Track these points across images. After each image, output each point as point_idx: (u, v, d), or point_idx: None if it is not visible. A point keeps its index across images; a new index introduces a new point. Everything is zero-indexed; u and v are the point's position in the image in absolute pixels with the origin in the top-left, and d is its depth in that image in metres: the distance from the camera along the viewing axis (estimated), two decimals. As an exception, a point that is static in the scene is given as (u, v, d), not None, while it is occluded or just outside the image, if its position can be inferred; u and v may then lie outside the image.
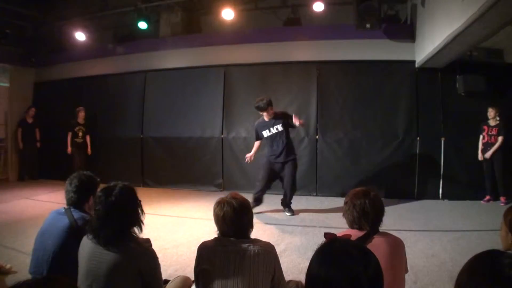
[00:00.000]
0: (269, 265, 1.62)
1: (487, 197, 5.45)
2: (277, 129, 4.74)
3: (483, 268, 0.83)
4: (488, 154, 5.35)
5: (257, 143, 4.98)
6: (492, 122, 5.41)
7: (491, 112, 5.38)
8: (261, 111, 4.75)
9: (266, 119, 4.79)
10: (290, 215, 4.85)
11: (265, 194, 4.93)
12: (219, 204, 1.70)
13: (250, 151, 5.00)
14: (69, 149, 6.96)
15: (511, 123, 5.35)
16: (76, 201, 2.06)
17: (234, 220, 1.65)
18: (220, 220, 1.67)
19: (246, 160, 4.96)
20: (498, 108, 5.35)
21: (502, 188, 5.31)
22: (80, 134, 7.08)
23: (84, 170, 2.28)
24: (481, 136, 5.48)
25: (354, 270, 0.88)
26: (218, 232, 1.72)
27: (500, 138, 5.28)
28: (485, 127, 5.44)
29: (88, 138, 7.19)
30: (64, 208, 2.06)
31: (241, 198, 1.72)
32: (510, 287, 0.77)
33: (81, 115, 7.07)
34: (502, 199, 5.30)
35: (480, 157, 5.48)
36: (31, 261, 2.01)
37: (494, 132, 5.36)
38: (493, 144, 5.34)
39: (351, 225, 1.74)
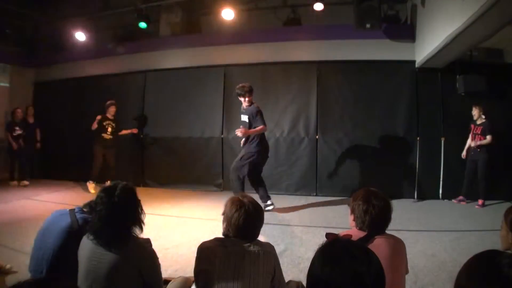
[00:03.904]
0: (269, 265, 1.62)
1: (460, 197, 5.45)
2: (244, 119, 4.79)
3: (482, 268, 0.84)
4: (474, 143, 5.24)
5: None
6: (478, 121, 5.37)
7: (474, 111, 5.37)
8: (239, 96, 4.79)
9: (244, 106, 4.82)
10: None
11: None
12: (236, 206, 1.64)
13: None
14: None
15: (507, 124, 5.34)
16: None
17: (249, 226, 1.63)
18: (235, 223, 1.62)
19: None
20: (482, 107, 5.33)
21: (482, 190, 5.23)
22: (109, 129, 6.48)
23: (113, 170, 2.24)
24: (470, 135, 5.47)
25: (358, 270, 0.88)
26: (225, 232, 1.69)
27: (488, 137, 5.17)
28: (472, 126, 5.43)
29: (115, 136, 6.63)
30: (69, 209, 2.06)
31: (257, 203, 1.71)
32: (509, 287, 0.77)
33: (112, 110, 6.51)
34: (479, 201, 5.23)
35: (463, 155, 5.49)
36: (30, 260, 2.01)
37: (478, 131, 5.31)
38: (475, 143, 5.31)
39: (355, 225, 1.72)
